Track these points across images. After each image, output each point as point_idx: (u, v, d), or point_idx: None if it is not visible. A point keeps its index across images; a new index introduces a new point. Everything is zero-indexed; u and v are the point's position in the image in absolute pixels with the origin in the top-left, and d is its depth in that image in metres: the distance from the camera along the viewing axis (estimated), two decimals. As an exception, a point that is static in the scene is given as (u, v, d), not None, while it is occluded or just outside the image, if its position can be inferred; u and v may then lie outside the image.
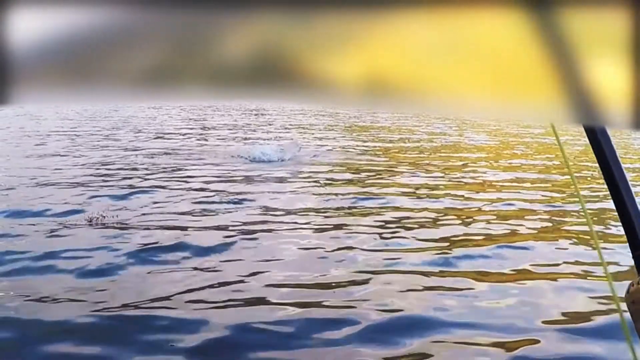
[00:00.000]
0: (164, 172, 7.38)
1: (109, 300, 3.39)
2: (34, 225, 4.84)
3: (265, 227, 4.96)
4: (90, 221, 4.95)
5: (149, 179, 6.87)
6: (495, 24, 0.58)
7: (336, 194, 6.35)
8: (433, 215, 5.60)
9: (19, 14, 0.56)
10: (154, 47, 0.59)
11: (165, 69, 0.59)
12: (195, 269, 3.95)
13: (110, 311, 3.26)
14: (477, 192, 6.71)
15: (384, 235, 4.81)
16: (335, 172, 7.83)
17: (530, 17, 0.58)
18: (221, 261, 4.09)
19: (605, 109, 0.60)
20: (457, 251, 4.40)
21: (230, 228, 4.90)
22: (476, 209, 5.89)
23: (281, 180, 7.12)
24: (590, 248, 4.55)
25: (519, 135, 13.53)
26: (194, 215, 5.30)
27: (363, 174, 7.74)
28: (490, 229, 5.10)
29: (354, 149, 10.48)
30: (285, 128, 14.21)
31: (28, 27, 0.56)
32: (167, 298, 3.45)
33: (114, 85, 0.59)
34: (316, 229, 4.97)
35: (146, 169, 7.58)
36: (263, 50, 0.59)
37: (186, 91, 0.60)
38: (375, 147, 10.86)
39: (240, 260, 4.15)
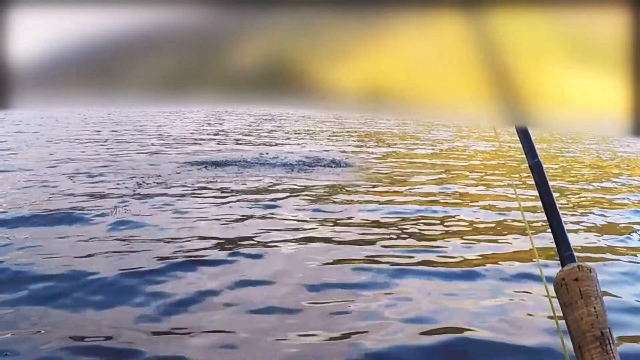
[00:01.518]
0: (187, 178, 7.19)
1: (129, 314, 3.20)
2: (55, 233, 4.65)
3: (287, 236, 4.76)
4: (113, 229, 4.78)
5: (173, 186, 6.65)
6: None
7: (354, 202, 6.16)
8: (463, 224, 5.43)
9: (35, 19, 0.56)
10: (167, 54, 0.59)
11: (178, 75, 0.60)
12: (215, 278, 3.74)
13: (124, 328, 3.06)
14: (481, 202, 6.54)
15: (406, 245, 4.61)
16: (351, 179, 7.62)
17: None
18: (229, 276, 3.80)
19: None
20: (487, 265, 4.19)
21: (243, 238, 4.69)
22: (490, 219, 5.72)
23: (297, 187, 6.90)
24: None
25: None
26: (218, 222, 5.11)
27: (378, 182, 7.52)
28: (507, 240, 4.91)
29: (367, 154, 10.34)
30: (296, 133, 14.20)
31: (43, 33, 0.57)
32: (192, 304, 3.28)
33: (128, 90, 0.60)
34: (334, 239, 4.77)
35: (169, 175, 7.39)
36: (272, 60, 0.60)
37: (198, 96, 0.61)
38: (385, 153, 10.72)
39: (259, 271, 3.91)
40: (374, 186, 7.21)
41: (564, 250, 0.88)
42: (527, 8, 0.58)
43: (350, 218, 5.44)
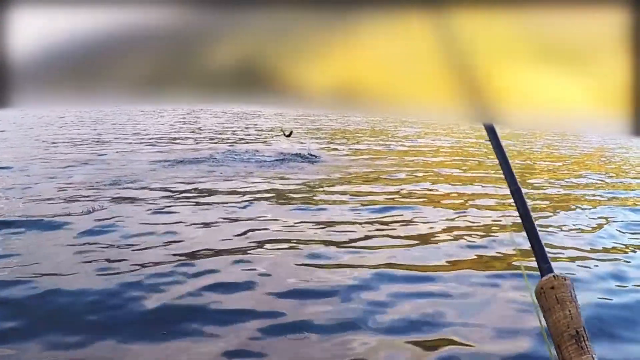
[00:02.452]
0: (164, 179, 7.03)
1: (109, 324, 3.06)
2: (29, 237, 4.50)
3: (263, 238, 4.63)
4: (89, 232, 4.60)
5: (150, 188, 6.49)
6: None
7: (330, 202, 6.02)
8: (442, 224, 5.32)
9: (21, 20, 0.56)
10: (145, 54, 0.59)
11: (156, 74, 0.60)
12: (192, 282, 3.62)
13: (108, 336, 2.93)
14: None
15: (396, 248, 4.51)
16: (326, 177, 7.49)
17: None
18: (206, 279, 3.68)
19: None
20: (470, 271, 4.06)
21: (228, 239, 4.60)
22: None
23: (272, 186, 6.76)
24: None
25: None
26: (194, 224, 4.99)
27: (354, 180, 7.40)
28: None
29: (340, 151, 10.26)
30: (270, 131, 14.12)
31: (29, 33, 0.57)
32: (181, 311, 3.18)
33: (109, 89, 0.60)
34: (311, 241, 4.65)
35: (146, 175, 7.24)
36: (246, 59, 0.61)
37: (176, 95, 0.61)
38: (359, 149, 10.65)
39: (236, 275, 3.77)
40: (350, 184, 7.11)
41: (542, 263, 0.98)
42: (495, 8, 0.59)
43: (327, 218, 5.33)
